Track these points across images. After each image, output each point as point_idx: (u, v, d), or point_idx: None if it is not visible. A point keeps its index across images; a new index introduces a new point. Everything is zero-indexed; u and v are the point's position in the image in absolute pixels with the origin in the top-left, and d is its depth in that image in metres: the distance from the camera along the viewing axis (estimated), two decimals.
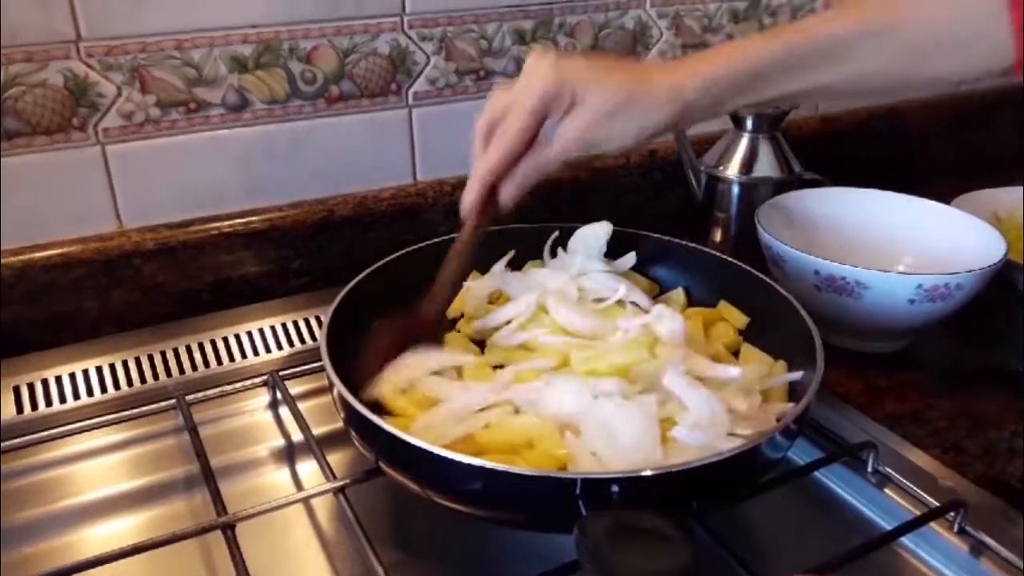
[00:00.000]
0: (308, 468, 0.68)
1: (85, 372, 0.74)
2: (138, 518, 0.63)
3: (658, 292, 0.76)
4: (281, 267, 0.87)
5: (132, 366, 0.75)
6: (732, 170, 0.94)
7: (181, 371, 0.75)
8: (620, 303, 0.70)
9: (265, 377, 0.74)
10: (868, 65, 0.61)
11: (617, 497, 0.48)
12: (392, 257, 0.72)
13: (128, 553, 0.53)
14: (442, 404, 0.59)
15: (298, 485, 0.67)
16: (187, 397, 0.71)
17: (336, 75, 0.86)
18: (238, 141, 0.84)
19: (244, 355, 0.77)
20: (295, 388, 0.73)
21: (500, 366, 0.64)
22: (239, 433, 0.71)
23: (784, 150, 0.95)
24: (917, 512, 0.60)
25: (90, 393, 0.72)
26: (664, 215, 1.05)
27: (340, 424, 0.59)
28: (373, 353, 0.62)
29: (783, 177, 0.94)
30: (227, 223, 0.84)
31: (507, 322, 0.69)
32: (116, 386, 0.73)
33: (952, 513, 0.59)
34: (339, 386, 0.55)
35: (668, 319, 0.64)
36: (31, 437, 0.68)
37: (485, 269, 0.76)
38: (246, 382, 0.74)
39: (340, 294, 0.66)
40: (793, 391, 0.62)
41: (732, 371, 0.61)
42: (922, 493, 0.61)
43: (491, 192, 0.63)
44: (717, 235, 0.98)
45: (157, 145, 0.80)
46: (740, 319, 0.71)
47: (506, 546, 0.59)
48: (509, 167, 0.62)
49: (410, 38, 0.88)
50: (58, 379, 0.73)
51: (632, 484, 0.48)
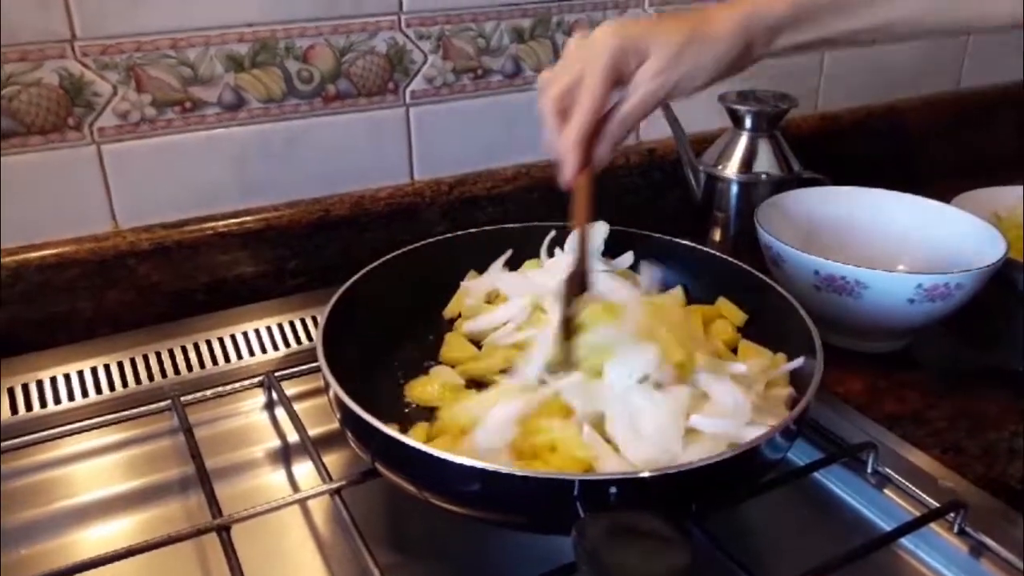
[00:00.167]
0: (304, 469, 0.67)
1: (80, 373, 0.74)
2: (133, 520, 0.63)
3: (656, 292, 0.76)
4: (277, 267, 0.87)
5: (127, 367, 0.75)
6: (731, 169, 0.94)
7: (176, 372, 0.75)
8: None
9: (261, 378, 0.74)
10: (915, 5, 0.63)
11: (615, 499, 0.48)
12: (389, 257, 0.72)
13: (122, 555, 0.53)
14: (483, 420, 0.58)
15: (294, 486, 0.66)
16: (182, 398, 0.70)
17: (333, 74, 0.85)
18: (234, 140, 0.83)
19: (240, 356, 0.77)
20: (291, 389, 0.72)
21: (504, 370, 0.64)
22: (235, 434, 0.71)
23: (783, 149, 0.95)
24: (917, 513, 0.60)
25: (85, 394, 0.72)
26: (663, 214, 1.05)
27: (336, 425, 0.59)
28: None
29: (782, 176, 0.93)
30: (223, 223, 0.84)
31: (503, 323, 0.69)
32: (111, 387, 0.73)
33: (952, 514, 0.58)
34: (335, 387, 0.55)
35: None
36: (26, 438, 0.67)
37: (482, 269, 0.75)
38: (242, 383, 0.74)
39: (336, 294, 0.66)
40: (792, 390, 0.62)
41: (739, 367, 0.61)
42: (922, 494, 0.61)
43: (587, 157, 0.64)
44: (716, 234, 0.98)
45: (153, 144, 0.80)
46: (738, 316, 0.71)
47: (503, 548, 0.59)
48: (596, 131, 0.62)
49: (407, 37, 0.88)
50: (53, 380, 0.73)
51: (630, 485, 0.48)
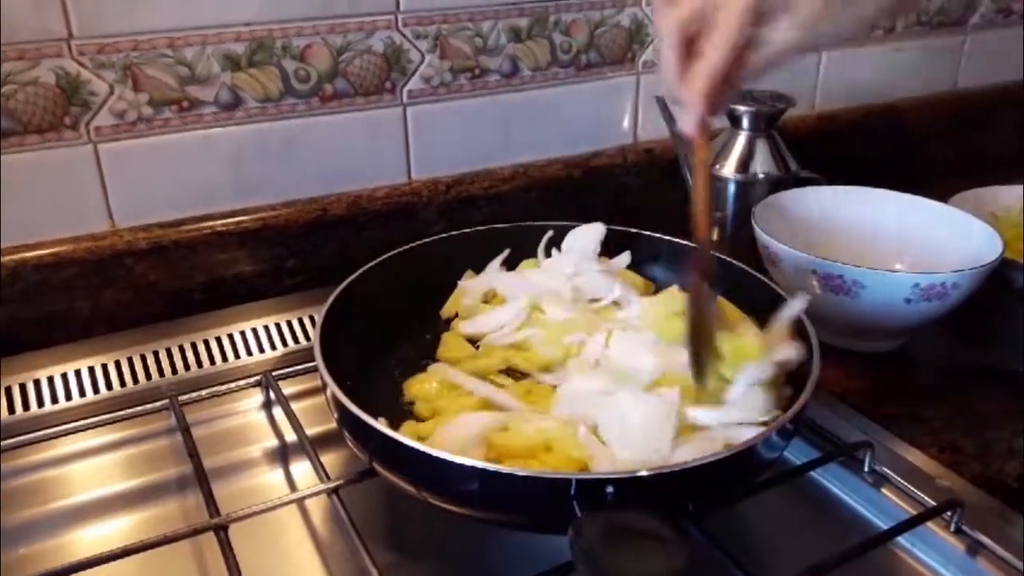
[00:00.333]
0: (302, 469, 0.67)
1: (77, 372, 0.73)
2: (130, 519, 0.63)
3: (654, 291, 0.76)
4: (274, 266, 0.87)
5: (124, 366, 0.75)
6: (729, 169, 0.94)
7: (174, 371, 0.75)
8: (615, 303, 0.70)
9: (258, 377, 0.74)
10: None
11: (612, 498, 0.48)
12: (386, 256, 0.72)
13: (120, 555, 0.53)
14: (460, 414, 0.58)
15: (292, 486, 0.66)
16: (180, 397, 0.70)
17: (330, 73, 0.85)
18: (231, 140, 0.83)
19: (237, 355, 0.77)
20: (288, 388, 0.72)
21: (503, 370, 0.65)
22: (232, 434, 0.71)
23: (781, 148, 0.95)
24: (914, 512, 0.60)
25: (82, 394, 0.72)
26: (661, 214, 1.04)
27: (334, 424, 0.59)
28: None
29: (780, 176, 0.93)
30: (220, 222, 0.84)
31: (501, 327, 0.69)
32: (108, 386, 0.73)
33: (949, 513, 0.58)
34: (333, 386, 0.55)
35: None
36: (23, 438, 0.67)
37: (479, 268, 0.75)
38: (239, 382, 0.74)
39: (334, 294, 0.66)
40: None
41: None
42: (919, 492, 0.61)
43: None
44: (714, 234, 0.98)
45: (149, 144, 0.80)
46: (735, 314, 0.71)
47: (501, 547, 0.59)
48: (728, 76, 0.55)
49: (404, 36, 0.88)
50: (50, 380, 0.73)
51: (627, 485, 0.48)
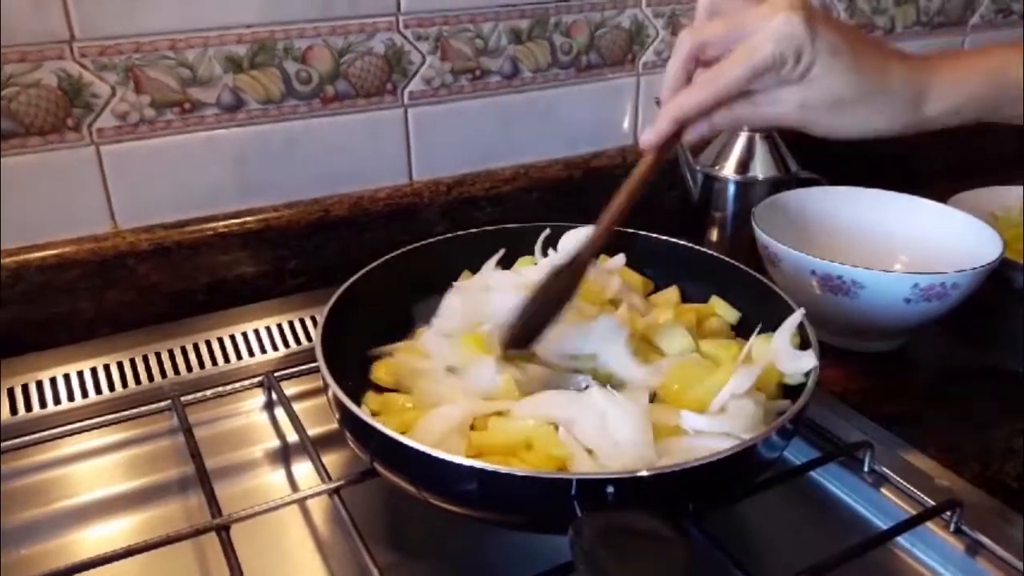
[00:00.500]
0: (303, 469, 0.67)
1: (80, 373, 0.74)
2: (133, 520, 0.63)
3: (652, 290, 0.76)
4: (276, 267, 0.87)
5: (127, 367, 0.75)
6: (728, 169, 0.94)
7: (176, 372, 0.75)
8: (612, 301, 0.70)
9: (260, 378, 0.74)
10: None
11: (612, 498, 0.48)
12: (388, 257, 0.72)
13: (122, 555, 0.53)
14: (440, 407, 0.59)
15: (293, 486, 0.67)
16: (182, 398, 0.70)
17: (331, 75, 0.86)
18: (233, 141, 0.84)
19: (239, 356, 0.77)
20: (290, 389, 0.73)
21: None
22: (234, 434, 0.71)
23: (780, 149, 0.95)
24: (913, 511, 0.60)
25: (85, 394, 0.72)
26: (661, 214, 1.05)
27: (335, 425, 0.59)
28: (527, 312, 0.59)
29: (780, 176, 0.94)
30: (222, 223, 0.84)
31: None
32: (111, 387, 0.73)
33: (948, 512, 0.58)
34: (334, 387, 0.55)
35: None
36: (26, 439, 0.67)
37: (476, 268, 0.75)
38: (242, 383, 0.74)
39: (336, 294, 0.66)
40: (789, 390, 0.62)
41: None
42: (918, 492, 0.61)
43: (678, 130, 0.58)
44: (714, 234, 0.98)
45: (152, 145, 0.80)
46: (732, 314, 0.71)
47: (501, 547, 0.59)
48: (710, 112, 0.56)
49: (405, 38, 0.88)
50: (53, 380, 0.73)
51: (628, 485, 0.48)
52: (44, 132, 0.75)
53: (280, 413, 0.72)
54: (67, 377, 0.73)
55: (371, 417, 0.53)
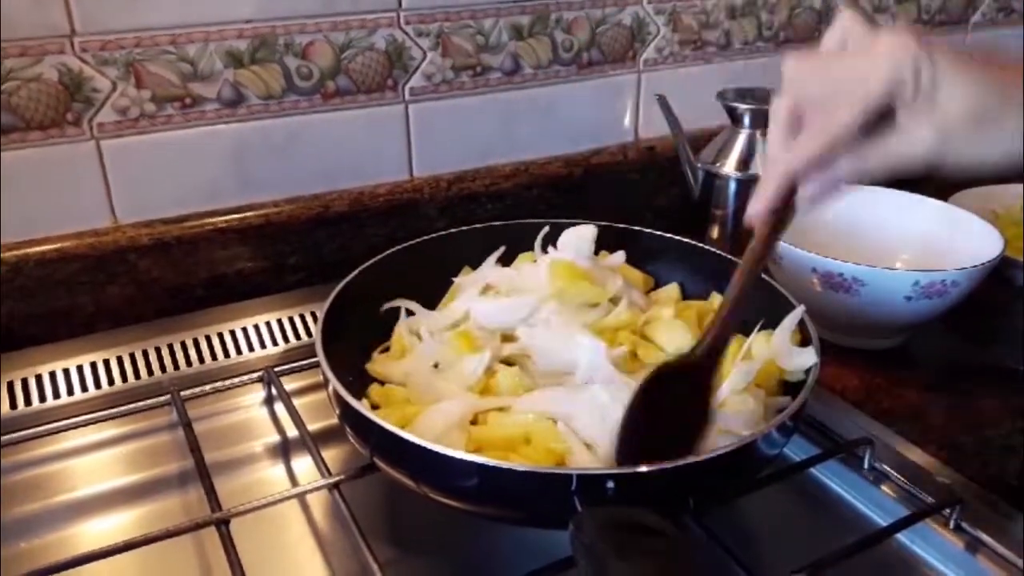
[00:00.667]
0: (303, 464, 0.67)
1: (80, 368, 0.74)
2: (133, 514, 0.63)
3: (653, 287, 0.76)
4: (276, 263, 0.87)
5: (127, 362, 0.75)
6: (729, 166, 0.94)
7: (176, 367, 0.75)
8: (612, 299, 0.70)
9: (260, 373, 0.74)
10: None
11: (613, 493, 0.48)
12: (388, 253, 0.72)
13: (121, 549, 0.53)
14: (441, 403, 0.59)
15: (293, 481, 0.67)
16: (182, 393, 0.70)
17: (332, 70, 0.86)
18: (233, 137, 0.83)
19: (239, 351, 0.77)
20: (290, 384, 0.73)
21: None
22: (234, 429, 0.71)
23: None
24: (913, 509, 0.60)
25: (84, 389, 0.72)
26: (661, 211, 1.05)
27: (335, 420, 0.59)
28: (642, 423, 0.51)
29: None
30: (222, 218, 0.84)
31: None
32: (111, 382, 0.73)
33: (948, 510, 0.59)
34: (334, 382, 0.55)
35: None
36: (26, 432, 0.67)
37: (476, 264, 0.75)
38: (241, 378, 0.74)
39: (335, 290, 0.66)
40: (790, 387, 0.62)
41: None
42: (918, 490, 0.61)
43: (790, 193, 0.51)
44: (714, 231, 0.98)
45: (152, 140, 0.80)
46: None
47: (501, 542, 0.59)
48: (825, 165, 0.49)
49: (406, 33, 0.88)
50: (52, 375, 0.73)
51: (628, 480, 0.48)
52: (44, 126, 0.75)
53: (280, 408, 0.72)
54: (67, 371, 0.73)
55: (372, 411, 0.53)
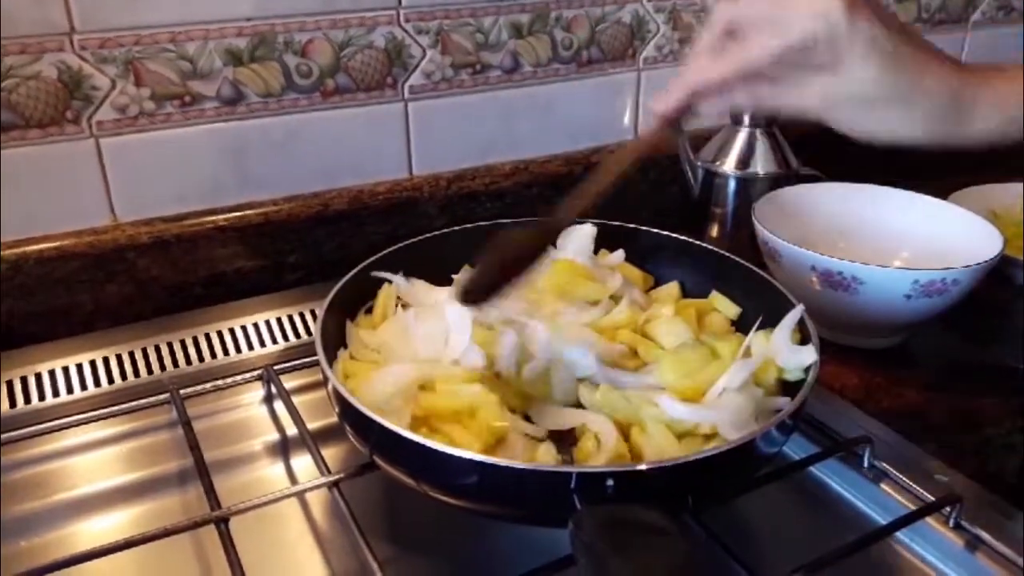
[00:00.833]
0: (302, 462, 0.67)
1: (79, 366, 0.74)
2: (132, 512, 0.63)
3: (653, 285, 0.76)
4: (276, 261, 0.87)
5: (126, 360, 0.75)
6: (729, 165, 0.94)
7: (175, 365, 0.75)
8: (613, 297, 0.70)
9: (260, 371, 0.74)
10: None
11: (612, 491, 0.48)
12: (387, 251, 0.72)
13: (120, 547, 0.53)
14: (392, 365, 0.60)
15: (292, 479, 0.67)
16: (181, 391, 0.70)
17: (332, 68, 0.85)
18: (233, 134, 0.83)
19: (239, 349, 0.77)
20: (290, 382, 0.73)
21: None
22: (233, 427, 0.71)
23: (781, 145, 0.95)
24: (913, 507, 0.60)
25: (84, 387, 0.72)
26: (661, 210, 1.05)
27: (335, 418, 0.59)
28: (493, 264, 0.58)
29: (780, 172, 0.93)
30: (222, 217, 0.84)
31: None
32: (110, 380, 0.73)
33: (948, 508, 0.58)
34: (334, 380, 0.55)
35: None
36: (25, 431, 0.67)
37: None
38: (241, 376, 0.74)
39: (335, 288, 0.66)
40: (789, 386, 0.62)
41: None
42: (918, 488, 0.61)
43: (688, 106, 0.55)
44: (714, 230, 0.98)
45: (151, 138, 0.80)
46: (732, 309, 0.71)
47: (501, 540, 0.59)
48: (731, 88, 0.53)
49: (406, 31, 0.88)
50: (51, 373, 0.73)
51: (627, 478, 0.48)
52: (44, 124, 0.75)
53: (279, 406, 0.72)
54: (66, 370, 0.73)
55: (363, 405, 0.53)
